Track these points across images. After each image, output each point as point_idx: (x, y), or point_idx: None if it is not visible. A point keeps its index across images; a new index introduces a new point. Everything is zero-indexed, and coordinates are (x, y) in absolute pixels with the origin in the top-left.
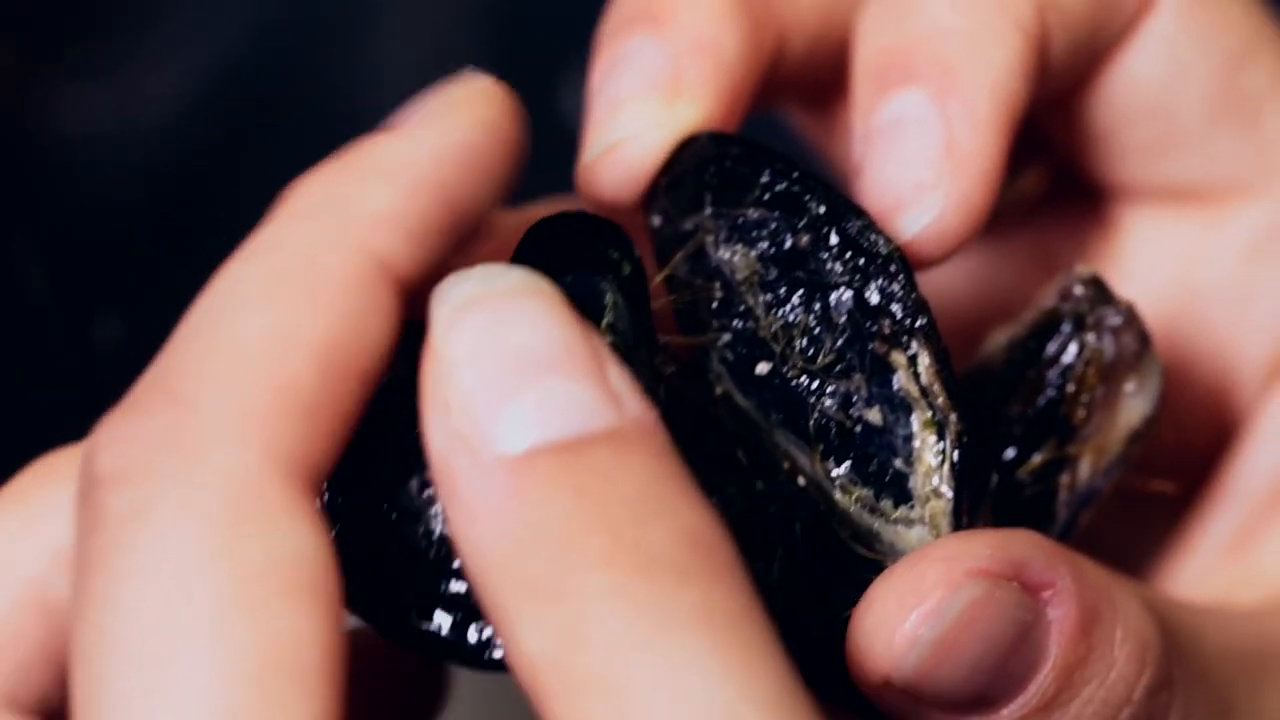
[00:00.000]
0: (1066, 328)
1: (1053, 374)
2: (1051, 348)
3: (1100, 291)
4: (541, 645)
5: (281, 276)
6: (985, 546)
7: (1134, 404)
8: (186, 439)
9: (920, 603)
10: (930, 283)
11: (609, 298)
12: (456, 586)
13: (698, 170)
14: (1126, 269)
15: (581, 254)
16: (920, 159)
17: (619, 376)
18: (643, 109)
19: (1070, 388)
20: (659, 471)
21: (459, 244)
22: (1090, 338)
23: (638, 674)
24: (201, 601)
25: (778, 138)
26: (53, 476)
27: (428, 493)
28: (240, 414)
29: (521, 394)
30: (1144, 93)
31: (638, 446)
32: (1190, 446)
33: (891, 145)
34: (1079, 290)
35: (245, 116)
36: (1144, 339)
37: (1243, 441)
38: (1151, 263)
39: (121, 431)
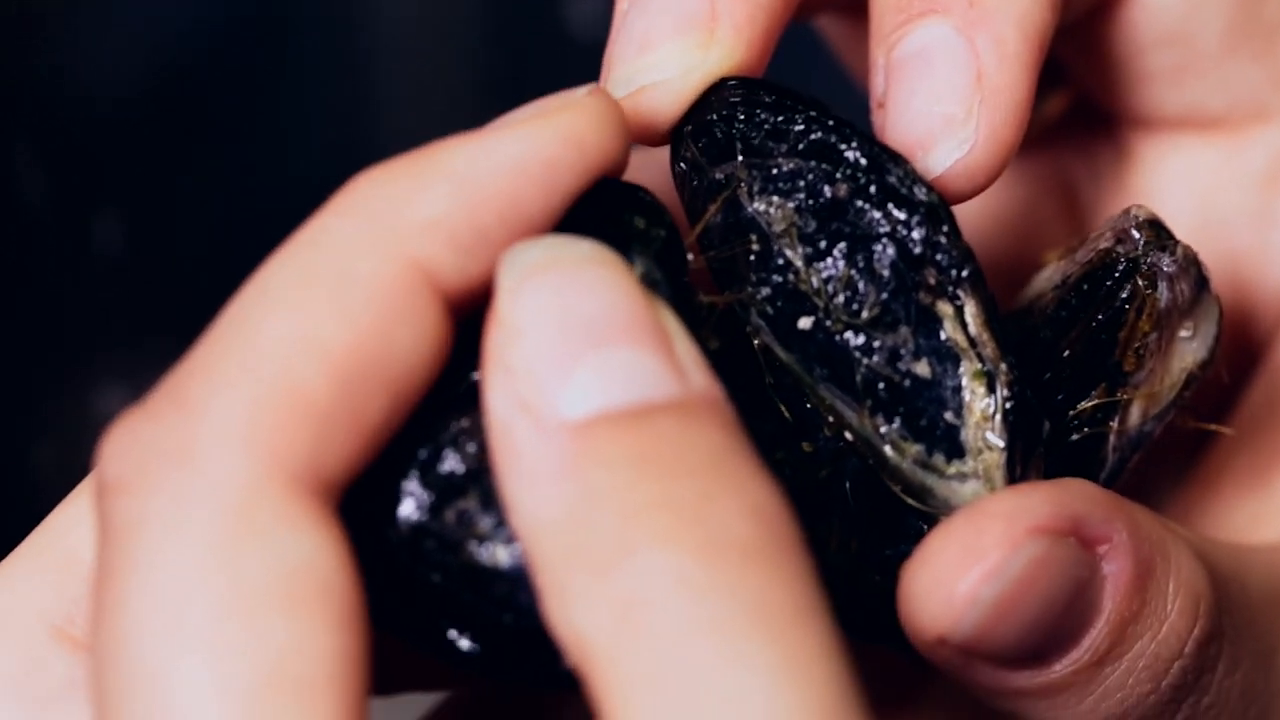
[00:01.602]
0: (1121, 272)
1: (1105, 319)
2: (1105, 291)
3: (1158, 235)
4: (593, 624)
5: (310, 279)
6: (1044, 502)
7: (1189, 348)
8: (186, 446)
9: (979, 561)
10: None
11: (646, 271)
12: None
13: (727, 118)
14: (1144, 198)
15: (616, 225)
16: (948, 92)
17: (686, 349)
18: (676, 52)
19: (1123, 334)
20: (724, 445)
21: None
22: (1145, 284)
23: (693, 671)
24: (196, 618)
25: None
26: None
27: (471, 519)
28: (245, 421)
29: (586, 360)
30: (1162, 19)
31: (703, 418)
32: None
33: (917, 78)
34: (1136, 233)
35: (246, 23)
36: (1202, 283)
37: (1262, 371)
38: (1169, 192)
39: (127, 438)
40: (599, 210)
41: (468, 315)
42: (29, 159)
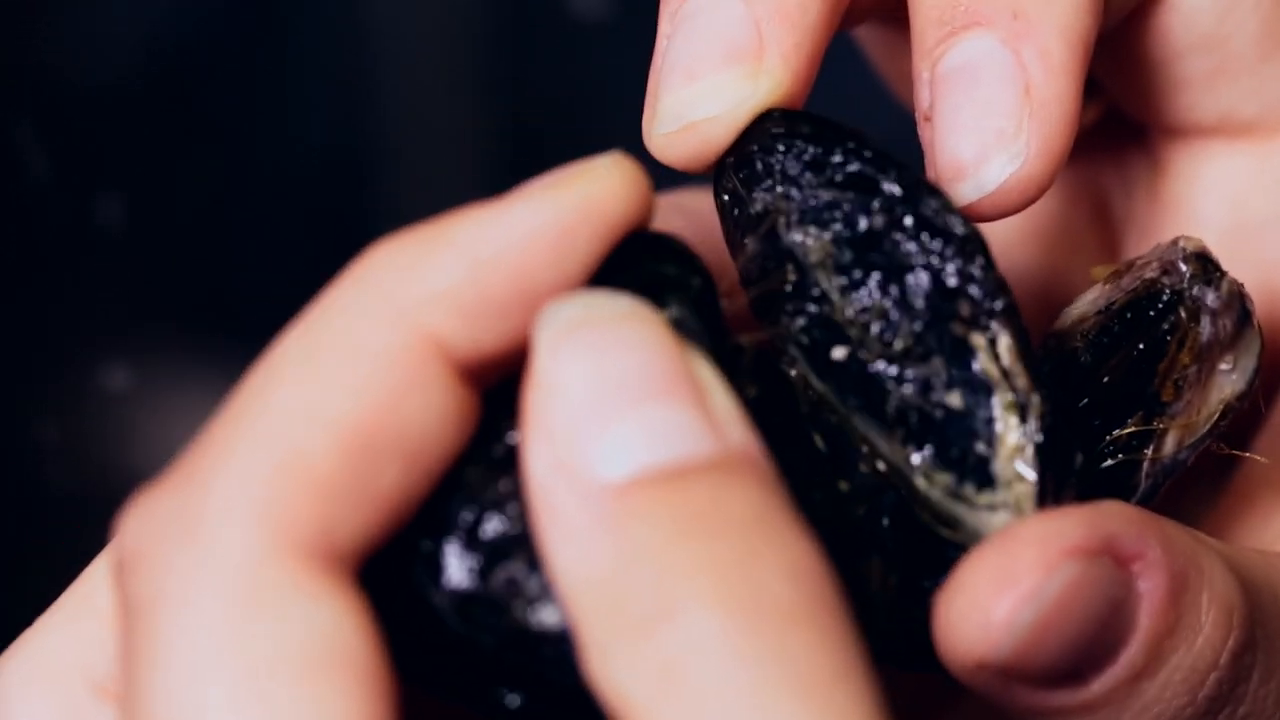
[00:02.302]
0: (1164, 304)
1: (1146, 349)
2: (1147, 322)
3: (1204, 268)
4: (635, 685)
5: (318, 352)
6: (1077, 524)
7: (1228, 381)
8: (194, 522)
9: (1015, 585)
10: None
11: (682, 319)
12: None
13: (767, 149)
14: (1176, 207)
15: (650, 275)
16: (998, 106)
17: (722, 403)
18: (724, 85)
19: (1162, 365)
20: (763, 504)
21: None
22: (1188, 317)
23: None
24: (216, 695)
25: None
26: None
27: (515, 583)
28: (250, 494)
29: (624, 420)
30: (1196, 24)
31: (742, 477)
32: None
33: (964, 92)
34: (1182, 266)
35: (245, 3)
36: (1245, 317)
37: None
38: (1201, 200)
39: (143, 513)
40: (632, 260)
41: (502, 378)
42: (31, 139)
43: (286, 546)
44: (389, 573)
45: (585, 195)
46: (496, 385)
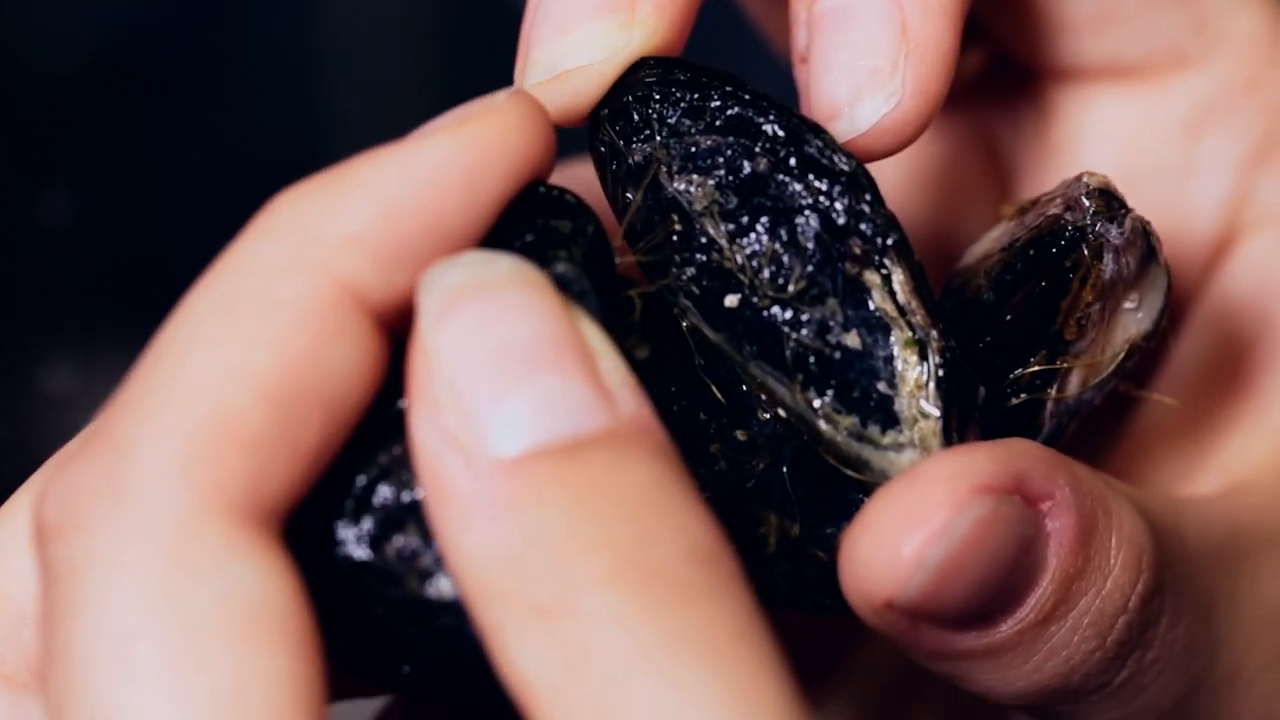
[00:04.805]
0: (1067, 241)
1: (1048, 286)
2: (1050, 259)
3: (1108, 204)
4: (539, 667)
5: (234, 305)
6: (986, 460)
7: (1133, 319)
8: (120, 484)
9: (925, 523)
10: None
11: (574, 279)
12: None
13: (643, 99)
14: (1065, 151)
15: (542, 231)
16: (874, 46)
17: (612, 369)
18: (597, 34)
19: (1065, 303)
20: (657, 477)
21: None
22: (1090, 254)
23: (640, 706)
24: (146, 656)
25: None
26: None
27: (408, 550)
28: (178, 455)
29: (515, 391)
30: None
31: (634, 449)
32: None
33: (841, 31)
34: (1086, 201)
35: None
36: (1150, 254)
37: (1188, 326)
38: (1090, 143)
39: (64, 480)
40: (524, 216)
41: (402, 332)
42: None
43: (216, 505)
44: (289, 538)
45: (488, 132)
46: (395, 340)
